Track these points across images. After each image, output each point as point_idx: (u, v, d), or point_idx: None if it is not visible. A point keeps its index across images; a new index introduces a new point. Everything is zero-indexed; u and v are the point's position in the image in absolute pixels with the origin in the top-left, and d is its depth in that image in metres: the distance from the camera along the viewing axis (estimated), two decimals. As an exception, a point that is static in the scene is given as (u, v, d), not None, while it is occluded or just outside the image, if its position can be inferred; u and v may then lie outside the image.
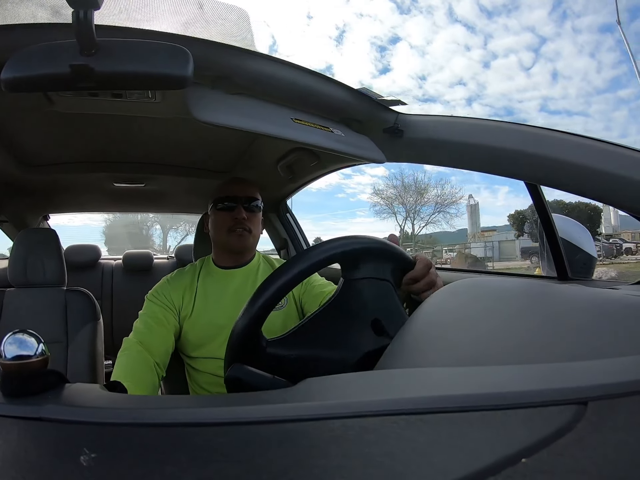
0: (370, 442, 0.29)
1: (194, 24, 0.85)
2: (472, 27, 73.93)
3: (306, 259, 0.73)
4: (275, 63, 0.96)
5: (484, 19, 74.34)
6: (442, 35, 76.40)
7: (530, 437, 0.27)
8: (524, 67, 67.64)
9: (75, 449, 0.30)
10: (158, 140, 1.59)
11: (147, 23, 0.81)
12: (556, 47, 68.26)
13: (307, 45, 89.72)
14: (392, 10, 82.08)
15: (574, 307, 0.50)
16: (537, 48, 69.26)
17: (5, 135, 1.43)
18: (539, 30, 68.67)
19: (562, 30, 69.39)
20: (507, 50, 69.30)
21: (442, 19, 77.94)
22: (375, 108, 1.15)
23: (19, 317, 1.74)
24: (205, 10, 0.85)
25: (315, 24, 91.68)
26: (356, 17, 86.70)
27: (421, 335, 0.56)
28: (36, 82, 0.67)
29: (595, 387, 0.32)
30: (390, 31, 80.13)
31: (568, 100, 65.97)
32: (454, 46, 72.95)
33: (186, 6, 0.85)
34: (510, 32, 69.35)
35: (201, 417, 0.36)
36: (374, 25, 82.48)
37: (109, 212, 3.24)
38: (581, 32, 68.60)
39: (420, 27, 77.74)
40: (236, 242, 1.42)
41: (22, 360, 0.42)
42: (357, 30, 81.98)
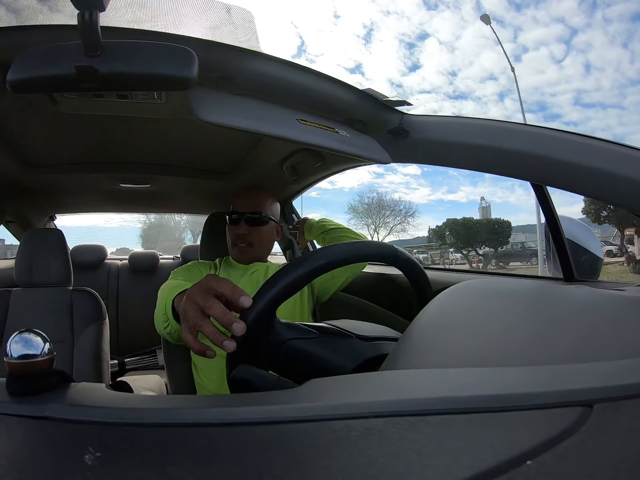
0: (373, 443, 0.29)
1: (199, 25, 0.85)
2: (500, 20, 73.68)
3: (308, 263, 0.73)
4: (279, 64, 0.96)
5: (512, 12, 74.07)
6: (470, 30, 76.23)
7: (534, 439, 0.27)
8: (555, 60, 67.32)
9: (79, 448, 0.30)
10: (163, 140, 1.59)
11: (152, 24, 0.81)
12: (587, 38, 67.93)
13: (336, 44, 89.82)
14: (418, 7, 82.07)
15: (580, 308, 0.50)
16: (567, 40, 68.93)
17: (11, 136, 1.44)
18: (569, 21, 68.33)
19: (593, 20, 69.00)
20: (537, 43, 68.99)
21: (469, 13, 77.74)
22: (380, 109, 1.15)
23: (24, 317, 1.75)
24: (211, 12, 0.85)
25: (342, 23, 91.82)
26: (383, 14, 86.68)
27: (425, 336, 0.55)
28: (41, 83, 0.68)
29: (601, 389, 0.32)
30: (418, 28, 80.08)
31: (602, 93, 65.52)
32: (483, 40, 72.74)
33: (192, 7, 0.85)
34: (540, 24, 69.02)
35: (204, 417, 0.36)
36: (401, 23, 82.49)
37: (115, 212, 3.25)
38: (612, 21, 68.16)
39: (447, 22, 77.62)
40: (237, 255, 1.53)
41: (28, 360, 0.42)
42: (385, 28, 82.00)
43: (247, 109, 0.93)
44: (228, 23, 0.88)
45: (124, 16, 0.78)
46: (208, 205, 2.50)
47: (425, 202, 46.67)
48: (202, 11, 0.86)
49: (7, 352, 0.42)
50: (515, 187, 46.54)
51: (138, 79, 0.69)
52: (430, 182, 49.55)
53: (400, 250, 0.84)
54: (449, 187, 49.16)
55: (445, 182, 51.51)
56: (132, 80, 0.70)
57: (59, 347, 1.69)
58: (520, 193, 44.95)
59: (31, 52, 0.66)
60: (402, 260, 0.84)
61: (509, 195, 48.72)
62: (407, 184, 49.15)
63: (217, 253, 1.67)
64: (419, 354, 0.53)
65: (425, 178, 50.26)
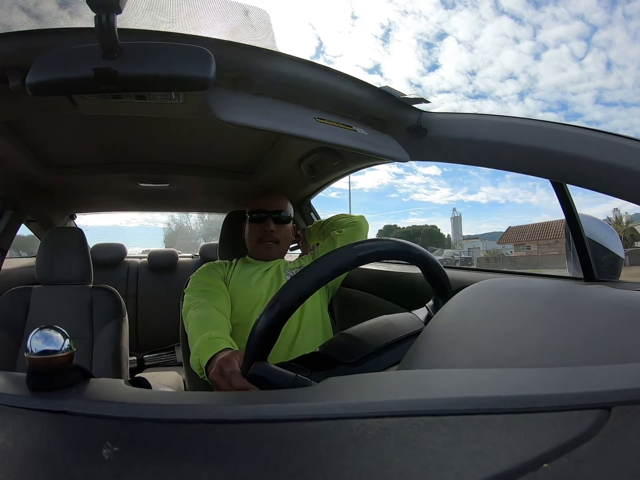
0: (389, 443, 0.29)
1: (216, 25, 0.86)
2: (519, 18, 73.47)
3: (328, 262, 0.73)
4: (296, 63, 0.96)
5: (531, 9, 73.73)
6: (489, 29, 76.17)
7: (551, 442, 0.27)
8: (576, 58, 66.91)
9: (98, 443, 0.31)
10: (181, 140, 1.60)
11: (170, 26, 0.82)
12: (608, 35, 67.33)
13: (354, 45, 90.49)
14: (436, 6, 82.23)
15: (600, 309, 0.49)
16: (588, 37, 68.41)
17: (32, 138, 1.46)
18: (588, 18, 67.81)
19: (613, 17, 68.35)
20: (557, 41, 68.59)
21: (487, 11, 77.55)
22: (398, 106, 1.14)
23: (45, 314, 1.78)
24: (226, 11, 0.85)
25: (360, 24, 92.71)
26: (400, 14, 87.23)
27: (443, 336, 0.55)
28: (60, 86, 0.69)
29: (620, 392, 0.31)
30: (436, 27, 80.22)
31: (624, 91, 64.95)
32: (502, 39, 72.64)
33: (208, 9, 0.86)
34: (560, 21, 68.65)
35: (222, 414, 0.36)
36: (419, 22, 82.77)
37: (134, 211, 3.29)
38: (632, 17, 67.34)
39: (466, 21, 77.55)
40: (264, 252, 1.57)
41: (48, 355, 0.43)
42: (403, 28, 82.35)
43: (264, 108, 0.93)
44: (245, 24, 0.88)
45: (142, 19, 0.78)
46: (226, 204, 2.52)
47: (446, 203, 46.47)
48: (219, 13, 0.86)
49: (28, 347, 0.43)
50: (537, 187, 46.07)
51: (156, 80, 0.70)
52: (450, 183, 49.41)
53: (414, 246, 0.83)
54: (469, 188, 48.93)
55: (465, 183, 51.27)
56: (149, 81, 0.70)
57: (79, 343, 1.72)
58: (542, 194, 44.56)
59: (50, 55, 0.67)
60: (417, 257, 0.83)
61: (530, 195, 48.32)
62: (427, 184, 49.02)
63: (236, 250, 1.68)
64: (437, 353, 0.52)
65: (445, 179, 50.16)
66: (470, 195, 58.22)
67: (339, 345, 0.79)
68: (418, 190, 53.90)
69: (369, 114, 1.16)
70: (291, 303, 0.68)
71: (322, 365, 0.74)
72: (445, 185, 57.37)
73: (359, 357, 0.74)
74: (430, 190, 60.80)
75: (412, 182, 53.06)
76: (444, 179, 58.60)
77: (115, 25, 0.62)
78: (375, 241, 0.80)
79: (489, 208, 67.18)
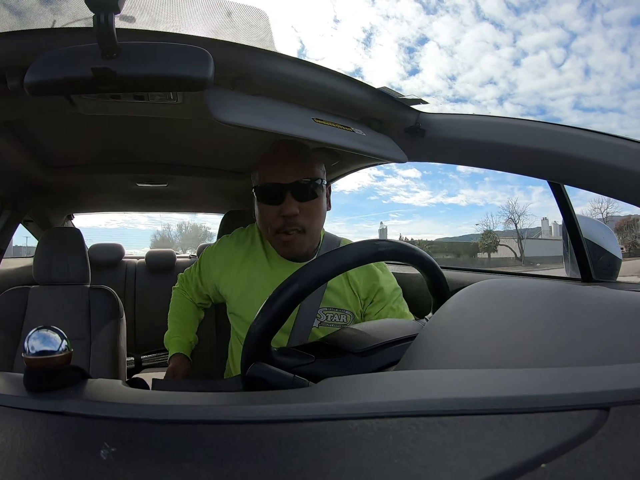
0: (388, 443, 0.29)
1: (214, 26, 0.86)
2: (500, 24, 73.86)
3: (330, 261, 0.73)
4: (295, 63, 0.96)
5: (512, 16, 74.04)
6: (470, 34, 76.51)
7: (550, 442, 0.27)
8: (555, 64, 67.22)
9: (95, 443, 0.31)
10: (180, 141, 1.60)
11: (168, 25, 0.81)
12: (587, 42, 67.68)
13: (336, 48, 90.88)
14: (418, 11, 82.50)
15: (597, 310, 0.49)
16: (567, 44, 68.76)
17: (30, 138, 1.46)
18: (568, 26, 68.14)
19: (592, 24, 68.73)
20: (537, 47, 68.90)
21: (469, 17, 77.86)
22: (396, 107, 1.14)
23: (43, 314, 1.78)
24: (226, 12, 0.85)
25: (342, 27, 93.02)
26: (382, 19, 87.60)
27: (441, 337, 0.55)
28: (59, 86, 0.68)
29: (618, 392, 0.31)
30: (418, 32, 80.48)
31: (602, 97, 65.41)
32: (483, 45, 73.08)
33: (207, 8, 0.86)
34: (539, 27, 69.00)
35: (220, 414, 0.36)
36: (400, 27, 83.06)
37: (131, 211, 3.30)
38: (612, 25, 67.73)
39: (447, 26, 77.84)
40: (284, 248, 1.15)
41: (46, 356, 0.43)
42: (384, 32, 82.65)
43: (263, 108, 0.93)
44: (243, 23, 0.88)
45: (140, 18, 0.78)
46: (224, 204, 2.52)
47: (426, 205, 46.57)
48: (216, 12, 0.86)
49: (26, 348, 0.43)
50: (515, 190, 46.41)
51: (154, 80, 0.70)
52: (430, 185, 49.50)
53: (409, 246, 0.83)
54: (449, 191, 49.08)
55: (445, 186, 51.46)
56: (148, 81, 0.70)
57: (77, 343, 1.72)
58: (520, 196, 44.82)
59: (48, 54, 0.67)
60: (417, 258, 0.83)
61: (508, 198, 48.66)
62: (407, 187, 49.18)
63: None
64: (435, 354, 0.52)
65: (425, 181, 50.31)
66: (450, 197, 58.79)
67: (345, 336, 0.79)
68: (398, 192, 54.66)
69: (367, 114, 1.16)
70: (289, 302, 0.68)
71: (327, 353, 0.73)
72: (425, 188, 58.06)
73: (366, 348, 0.73)
74: (410, 192, 61.37)
75: (392, 185, 53.70)
76: (423, 182, 59.15)
77: (114, 25, 0.62)
78: (395, 242, 0.80)
79: (468, 210, 67.54)
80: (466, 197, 45.77)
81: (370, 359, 0.72)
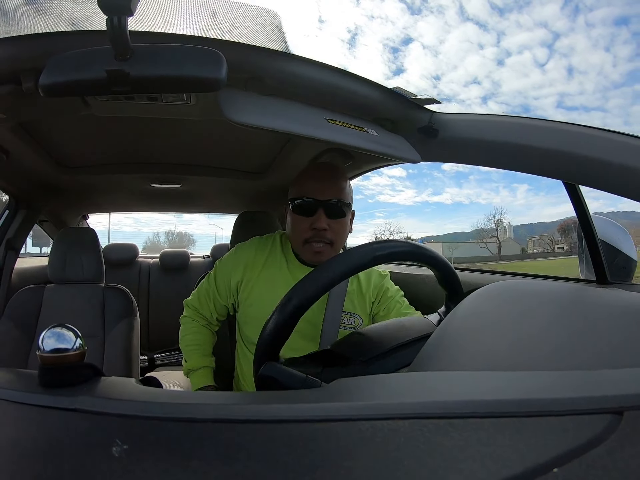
0: (398, 445, 0.29)
1: (226, 27, 0.86)
2: (484, 24, 73.63)
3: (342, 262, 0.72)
4: (308, 64, 0.96)
5: (496, 16, 73.72)
6: (454, 34, 76.32)
7: (562, 446, 0.26)
8: (538, 64, 66.89)
9: (107, 440, 0.31)
10: (193, 141, 1.61)
11: (181, 27, 0.82)
12: (570, 42, 67.25)
13: (321, 48, 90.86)
14: (402, 11, 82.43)
15: (612, 312, 0.48)
16: (550, 44, 68.39)
17: (45, 139, 1.48)
18: (551, 26, 67.73)
19: (576, 24, 68.30)
20: (520, 47, 68.58)
21: (453, 17, 77.59)
22: (409, 107, 1.14)
23: (57, 313, 1.80)
24: (237, 13, 0.86)
25: (327, 27, 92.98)
26: (367, 19, 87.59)
27: (455, 338, 0.55)
28: (73, 87, 0.69)
29: (632, 397, 0.31)
30: (402, 32, 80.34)
31: (585, 96, 65.00)
32: (467, 45, 72.89)
33: (219, 9, 0.86)
34: (523, 28, 68.71)
35: (232, 414, 0.36)
36: (385, 27, 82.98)
37: (145, 211, 3.35)
38: (595, 25, 67.17)
39: (432, 26, 77.70)
40: (312, 257, 1.24)
41: (60, 353, 0.43)
42: (369, 32, 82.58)
43: (276, 109, 0.93)
44: (255, 25, 0.88)
45: (153, 20, 0.79)
46: (238, 205, 2.53)
47: (411, 204, 46.27)
48: (229, 14, 0.87)
49: (40, 345, 0.43)
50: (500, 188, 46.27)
51: (167, 81, 0.70)
52: (415, 184, 49.26)
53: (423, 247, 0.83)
54: (434, 189, 48.86)
55: (430, 184, 51.31)
56: (161, 82, 0.71)
57: (90, 342, 1.74)
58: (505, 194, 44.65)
59: (62, 57, 0.68)
60: (426, 257, 0.83)
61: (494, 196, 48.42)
62: (392, 186, 48.92)
63: None
64: (448, 355, 0.52)
65: (410, 180, 50.16)
66: (435, 196, 58.60)
67: (352, 343, 0.78)
68: (383, 191, 54.31)
69: (380, 114, 1.16)
70: (307, 299, 0.68)
71: (334, 362, 0.73)
72: (410, 187, 57.84)
73: (371, 357, 0.73)
74: (395, 191, 61.12)
75: (377, 184, 53.36)
76: (409, 180, 58.99)
77: (127, 27, 0.62)
78: (391, 242, 0.80)
79: (453, 209, 67.30)
80: (451, 195, 45.82)
81: (375, 367, 0.72)
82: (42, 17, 0.79)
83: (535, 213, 29.60)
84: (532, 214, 28.50)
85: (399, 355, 0.73)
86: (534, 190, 32.57)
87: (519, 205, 37.42)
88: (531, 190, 39.43)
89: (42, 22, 0.79)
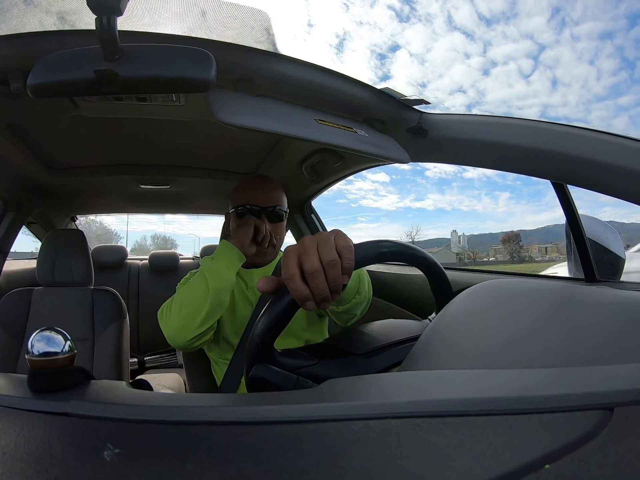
0: (391, 444, 0.29)
1: (215, 27, 0.86)
2: (471, 34, 74.29)
3: None
4: (297, 64, 0.96)
5: (483, 27, 74.40)
6: (441, 43, 76.92)
7: (554, 442, 0.27)
8: (523, 75, 67.56)
9: (99, 445, 0.30)
10: (182, 142, 1.61)
11: (170, 26, 0.82)
12: (555, 55, 68.05)
13: (309, 52, 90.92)
14: (391, 18, 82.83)
15: (601, 310, 0.48)
16: (536, 55, 69.14)
17: (33, 139, 1.47)
18: (537, 38, 68.49)
19: (561, 37, 69.15)
20: (506, 58, 69.29)
21: (441, 26, 78.14)
22: (399, 107, 1.14)
23: (46, 316, 1.78)
24: (227, 13, 0.85)
25: (316, 32, 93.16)
26: (356, 25, 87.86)
27: (445, 337, 0.55)
28: (61, 88, 0.69)
29: (622, 393, 0.31)
30: (390, 39, 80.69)
31: (568, 108, 65.85)
32: (454, 54, 73.48)
33: (209, 9, 0.86)
34: (509, 39, 69.47)
35: (224, 416, 0.36)
36: (373, 33, 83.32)
37: (135, 213, 3.33)
38: (580, 39, 68.01)
39: (419, 34, 78.25)
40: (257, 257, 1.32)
41: (50, 357, 0.43)
42: (357, 38, 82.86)
43: (265, 110, 0.93)
44: (244, 25, 0.88)
45: (142, 19, 0.78)
46: (227, 205, 2.52)
47: (394, 209, 46.37)
48: (218, 14, 0.86)
49: (29, 349, 0.43)
50: (482, 195, 46.74)
51: (157, 81, 0.70)
52: (398, 190, 49.44)
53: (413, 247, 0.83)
54: (416, 195, 49.02)
55: (413, 190, 51.67)
56: (151, 83, 0.70)
57: (80, 345, 1.73)
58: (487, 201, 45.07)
59: (51, 57, 0.67)
60: (420, 259, 0.83)
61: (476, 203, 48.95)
62: (375, 191, 49.02)
63: None
64: (439, 354, 0.52)
65: (393, 185, 50.44)
66: (418, 202, 59.16)
67: (348, 337, 0.79)
68: (367, 196, 54.60)
69: (370, 115, 1.16)
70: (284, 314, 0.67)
71: (330, 354, 0.73)
72: (393, 192, 58.24)
73: (369, 350, 0.73)
74: (378, 196, 61.53)
75: (360, 188, 53.65)
76: (392, 186, 59.32)
77: (116, 27, 0.62)
78: (380, 243, 0.79)
79: (436, 215, 67.84)
80: (434, 201, 46.05)
81: (373, 360, 0.72)
82: (30, 8, 0.78)
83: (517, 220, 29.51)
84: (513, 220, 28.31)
85: (396, 351, 0.73)
86: (515, 197, 32.93)
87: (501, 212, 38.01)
88: (512, 198, 39.77)
89: (29, 14, 0.78)
